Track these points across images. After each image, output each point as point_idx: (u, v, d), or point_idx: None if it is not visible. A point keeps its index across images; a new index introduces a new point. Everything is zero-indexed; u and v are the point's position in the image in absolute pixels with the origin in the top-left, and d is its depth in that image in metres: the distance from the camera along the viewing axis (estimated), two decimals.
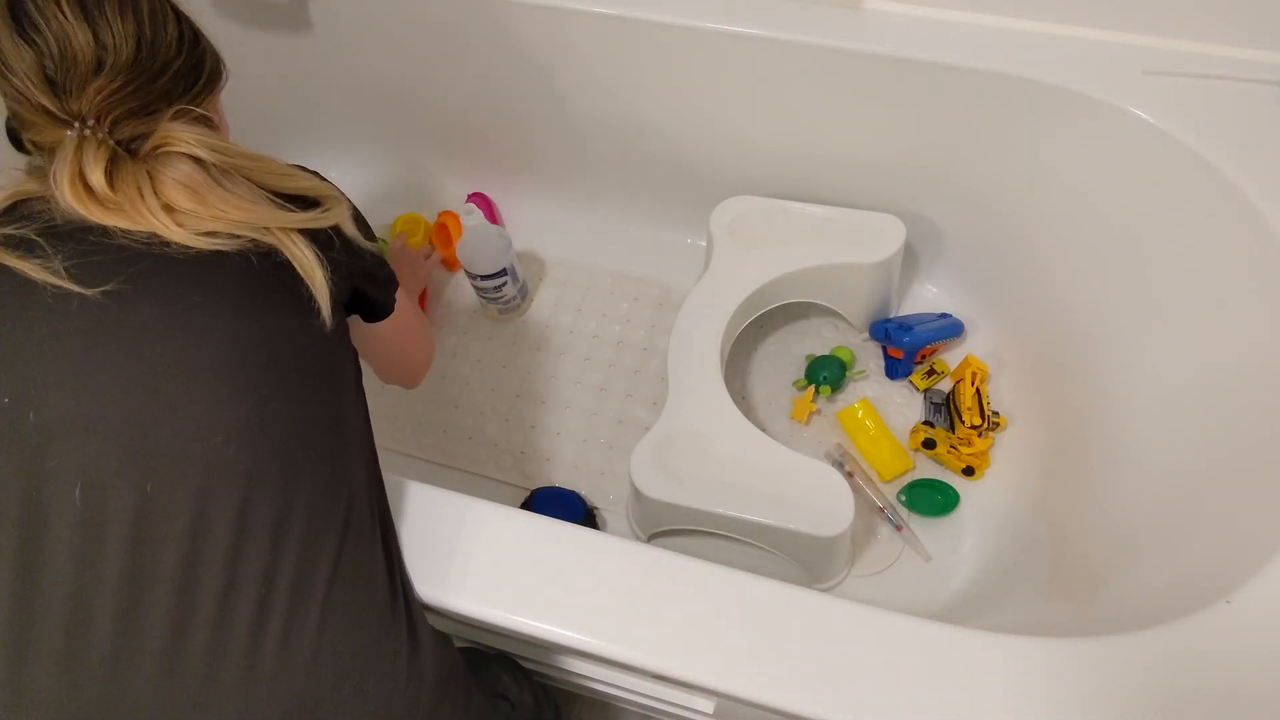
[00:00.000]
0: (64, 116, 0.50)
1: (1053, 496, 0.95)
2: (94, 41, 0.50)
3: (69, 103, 0.50)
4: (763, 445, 0.91)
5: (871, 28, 0.92)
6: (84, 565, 0.48)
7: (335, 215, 0.60)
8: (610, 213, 1.28)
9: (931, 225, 1.11)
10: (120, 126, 0.52)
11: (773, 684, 0.59)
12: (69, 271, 0.49)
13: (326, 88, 1.23)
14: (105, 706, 0.49)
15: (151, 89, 0.53)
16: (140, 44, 0.52)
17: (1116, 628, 0.59)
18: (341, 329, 0.62)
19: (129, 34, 0.51)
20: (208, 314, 0.52)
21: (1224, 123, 0.82)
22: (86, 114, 0.51)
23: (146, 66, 0.52)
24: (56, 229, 0.50)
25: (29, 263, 0.49)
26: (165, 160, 0.53)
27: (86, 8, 0.50)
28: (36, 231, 0.50)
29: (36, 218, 0.50)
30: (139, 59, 0.52)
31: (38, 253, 0.49)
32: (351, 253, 0.62)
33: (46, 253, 0.49)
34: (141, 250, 0.51)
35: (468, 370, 1.20)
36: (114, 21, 0.51)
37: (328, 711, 0.53)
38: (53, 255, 0.49)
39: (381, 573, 0.59)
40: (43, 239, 0.49)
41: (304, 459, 0.55)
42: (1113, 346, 0.92)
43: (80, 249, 0.50)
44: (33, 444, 0.48)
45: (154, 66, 0.53)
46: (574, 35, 1.01)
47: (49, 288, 0.48)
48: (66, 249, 0.50)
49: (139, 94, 0.52)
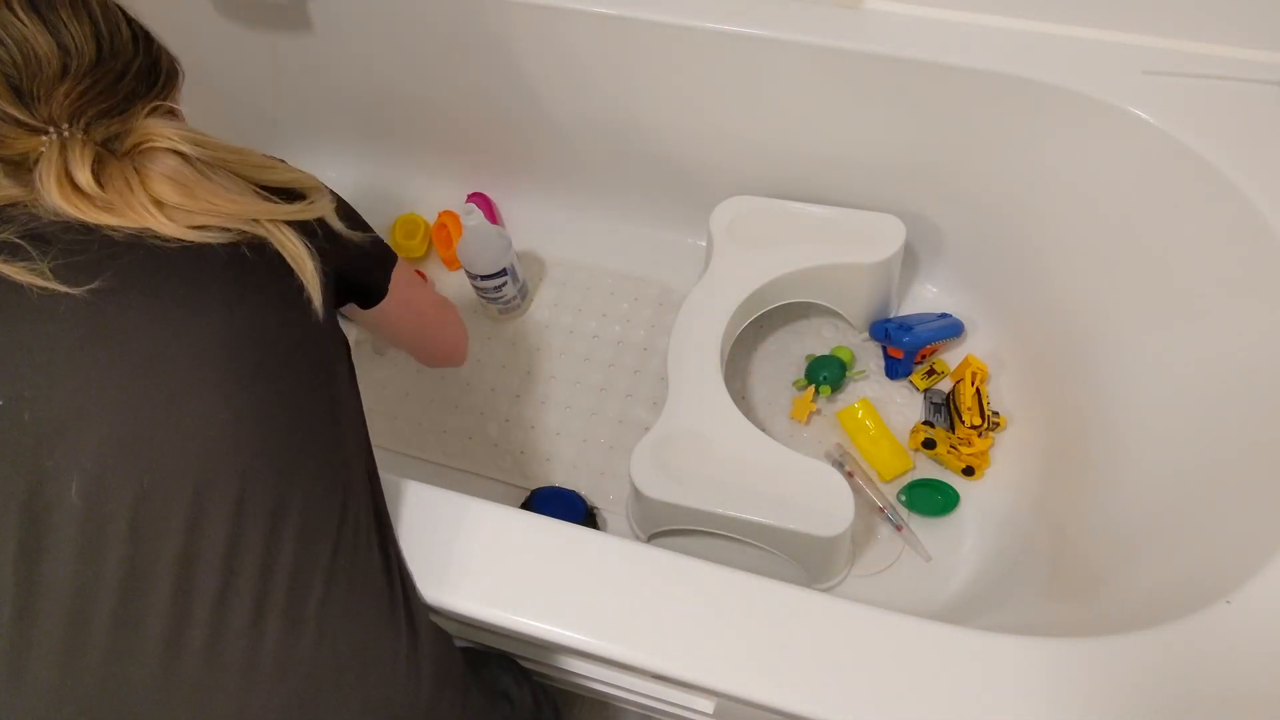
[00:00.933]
0: (36, 124, 0.50)
1: (1053, 496, 0.95)
2: (57, 46, 0.50)
3: (39, 109, 0.50)
4: (763, 445, 0.91)
5: (871, 28, 0.92)
6: (84, 562, 0.48)
7: (321, 207, 0.61)
8: (610, 213, 1.28)
9: (931, 225, 1.11)
10: (95, 127, 0.52)
11: (773, 684, 0.59)
12: (54, 273, 0.49)
13: (326, 88, 1.23)
14: (105, 700, 0.49)
15: (117, 89, 0.53)
16: (100, 45, 0.52)
17: (1116, 628, 0.59)
18: (332, 321, 0.62)
19: (88, 35, 0.51)
20: (197, 307, 0.52)
21: (1224, 123, 0.82)
22: (59, 118, 0.51)
23: (110, 67, 0.52)
24: (38, 231, 0.50)
25: (14, 266, 0.48)
26: (150, 156, 0.53)
27: (42, 13, 0.50)
28: (18, 235, 0.49)
29: (16, 221, 0.50)
30: (101, 60, 0.52)
31: (21, 256, 0.49)
32: (335, 241, 0.63)
33: (30, 255, 0.49)
34: (127, 247, 0.51)
35: (467, 370, 1.20)
36: (70, 24, 0.51)
37: (327, 706, 0.53)
38: (37, 258, 0.49)
39: (379, 567, 0.59)
40: (25, 242, 0.49)
41: (299, 451, 0.55)
42: (1113, 346, 0.92)
43: (64, 250, 0.50)
44: (29, 444, 0.48)
45: (116, 66, 0.53)
46: (574, 35, 1.01)
47: (35, 290, 0.48)
48: (51, 250, 0.50)
49: (106, 95, 0.52)
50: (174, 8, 1.14)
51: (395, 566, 0.62)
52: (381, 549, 0.61)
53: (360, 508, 0.59)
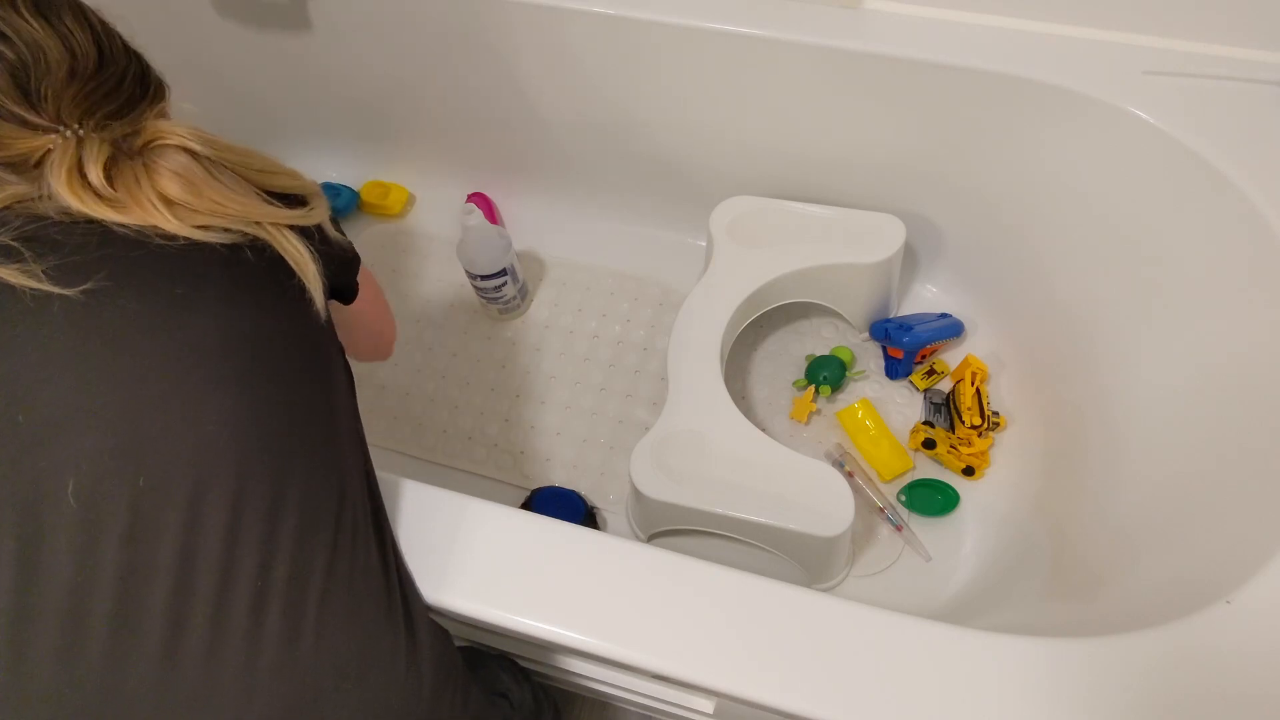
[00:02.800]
0: (42, 124, 0.51)
1: (1053, 496, 0.95)
2: (65, 50, 0.51)
3: (45, 109, 0.51)
4: (763, 445, 0.91)
5: (871, 28, 0.92)
6: (81, 562, 0.48)
7: (320, 213, 0.62)
8: (610, 213, 1.28)
9: (931, 225, 1.11)
10: (106, 128, 0.53)
11: (773, 684, 0.59)
12: (48, 274, 0.49)
13: (326, 88, 1.24)
14: (104, 701, 0.49)
15: (119, 93, 0.54)
16: (101, 50, 0.53)
17: (1116, 628, 0.59)
18: (328, 319, 0.62)
19: (90, 40, 0.52)
20: (192, 306, 0.52)
21: (1224, 123, 0.82)
22: (68, 118, 0.51)
23: (110, 72, 0.53)
24: (35, 233, 0.50)
25: (7, 268, 0.49)
26: (160, 153, 0.54)
27: (50, 19, 0.51)
28: (12, 237, 0.50)
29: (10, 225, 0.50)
30: (103, 64, 0.53)
31: (15, 257, 0.49)
32: (329, 244, 0.64)
33: (24, 257, 0.49)
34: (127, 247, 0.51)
35: (468, 370, 1.20)
36: (75, 30, 0.51)
37: (327, 705, 0.53)
38: (30, 259, 0.49)
39: (377, 567, 0.59)
40: (19, 244, 0.49)
41: (295, 449, 0.55)
42: (1113, 346, 0.92)
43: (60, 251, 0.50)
44: (25, 445, 0.48)
45: (115, 72, 0.53)
46: (574, 35, 1.01)
47: (29, 291, 0.49)
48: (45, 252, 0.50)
49: (110, 98, 0.53)
50: (174, 8, 1.14)
51: (394, 566, 0.62)
52: (380, 548, 0.61)
53: (358, 507, 0.59)
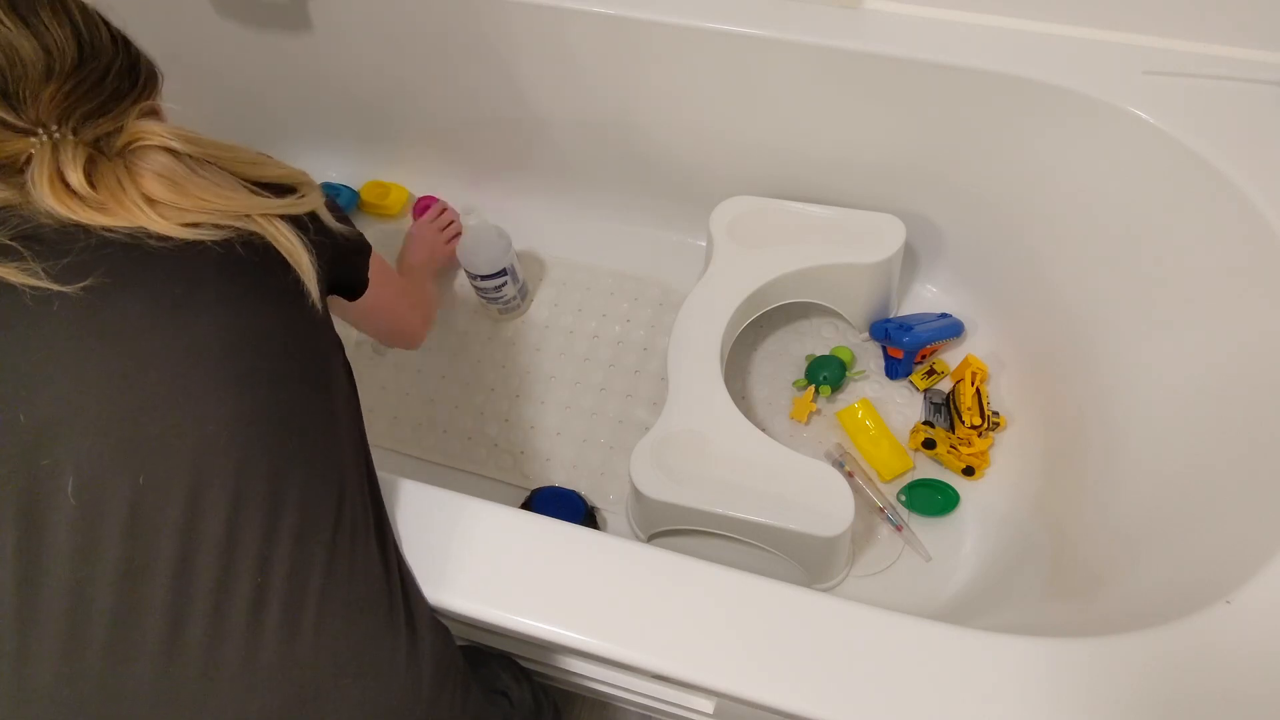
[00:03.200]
0: (24, 126, 0.50)
1: (1053, 496, 0.95)
2: (40, 48, 0.50)
3: (26, 111, 0.50)
4: (763, 445, 0.91)
5: (871, 28, 0.92)
6: (81, 561, 0.48)
7: (312, 200, 0.61)
8: (610, 213, 1.28)
9: (931, 225, 1.11)
10: (84, 128, 0.52)
11: (773, 684, 0.59)
12: (47, 272, 0.49)
13: (326, 88, 1.23)
14: (104, 698, 0.49)
15: (101, 89, 0.53)
16: (81, 46, 0.52)
17: (1116, 628, 0.59)
18: (326, 316, 0.62)
19: (69, 37, 0.51)
20: (191, 304, 0.52)
21: (1224, 123, 0.82)
22: (46, 120, 0.51)
23: (92, 68, 0.52)
24: (30, 232, 0.50)
25: (6, 267, 0.49)
26: (141, 154, 0.54)
27: (24, 16, 0.50)
28: (10, 236, 0.50)
29: (8, 224, 0.50)
30: (83, 60, 0.52)
31: (13, 256, 0.49)
32: (326, 234, 0.63)
33: (23, 256, 0.49)
34: (119, 246, 0.51)
35: (468, 370, 1.20)
36: (52, 26, 0.51)
37: (326, 703, 0.53)
38: (29, 258, 0.49)
39: (377, 565, 0.59)
40: (17, 243, 0.49)
41: (295, 446, 0.55)
42: (1113, 346, 0.92)
43: (57, 249, 0.50)
44: (25, 444, 0.48)
45: (98, 67, 0.53)
46: (573, 35, 1.01)
47: (28, 290, 0.49)
48: (43, 250, 0.50)
49: (91, 95, 0.52)
50: (174, 8, 1.14)
51: (394, 564, 0.62)
52: (380, 547, 0.61)
53: (357, 505, 0.59)
